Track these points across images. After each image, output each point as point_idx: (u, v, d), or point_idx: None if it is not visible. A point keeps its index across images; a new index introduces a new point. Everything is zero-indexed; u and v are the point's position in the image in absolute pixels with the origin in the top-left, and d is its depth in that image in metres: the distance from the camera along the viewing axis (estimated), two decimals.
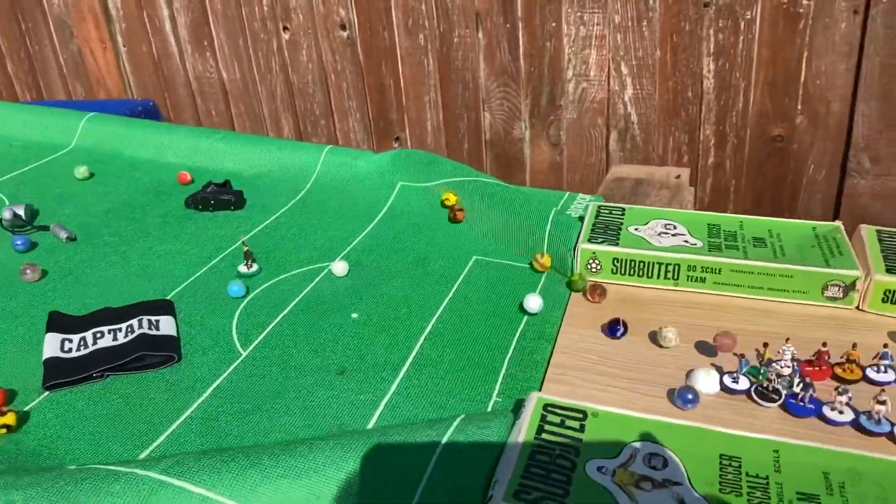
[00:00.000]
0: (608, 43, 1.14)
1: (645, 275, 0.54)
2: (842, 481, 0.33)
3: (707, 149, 1.18)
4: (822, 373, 0.43)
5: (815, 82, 1.09)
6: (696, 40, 1.10)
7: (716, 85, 1.13)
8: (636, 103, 1.17)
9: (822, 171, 1.14)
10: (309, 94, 1.34)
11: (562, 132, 1.23)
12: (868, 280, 0.49)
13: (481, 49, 1.20)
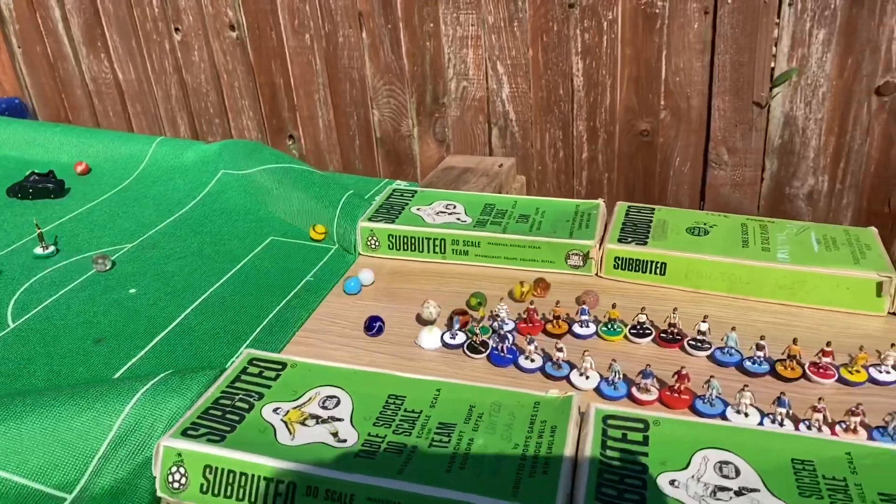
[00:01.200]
0: (483, 43, 1.19)
1: (416, 249, 0.58)
2: (482, 412, 0.38)
3: (581, 144, 1.23)
4: (534, 328, 0.48)
5: (674, 79, 1.15)
6: (564, 40, 1.16)
7: (585, 82, 1.18)
8: (513, 101, 1.22)
9: (687, 163, 1.21)
10: (203, 93, 1.37)
11: (447, 129, 1.27)
12: (602, 249, 0.54)
13: (366, 48, 1.24)
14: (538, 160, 1.26)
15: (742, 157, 1.18)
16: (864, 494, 0.36)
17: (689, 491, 0.37)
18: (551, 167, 1.26)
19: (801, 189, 1.16)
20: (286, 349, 0.51)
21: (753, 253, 0.58)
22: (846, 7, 1.03)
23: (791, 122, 1.12)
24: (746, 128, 1.16)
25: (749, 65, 1.11)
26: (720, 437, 0.40)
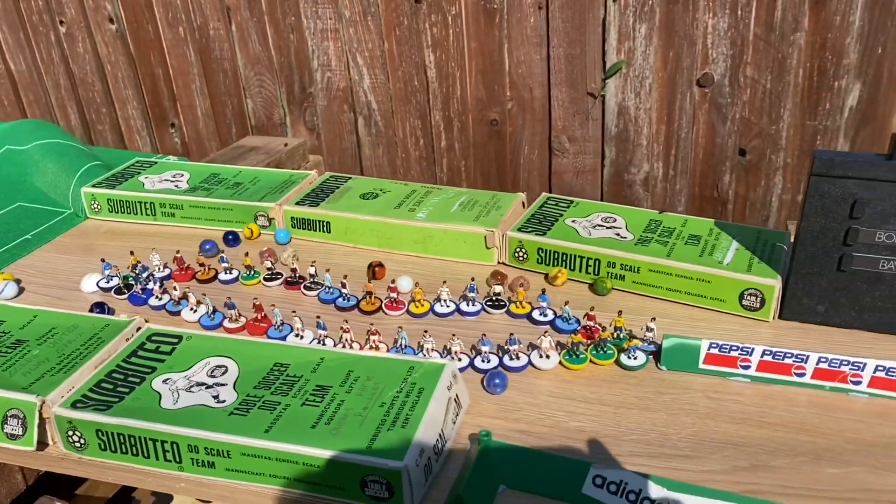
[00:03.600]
0: (342, 36, 1.27)
1: (137, 212, 0.71)
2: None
3: (439, 133, 1.32)
4: (184, 276, 0.60)
5: (517, 71, 1.24)
6: (414, 33, 1.24)
7: (437, 74, 1.27)
8: (374, 91, 1.30)
9: (535, 152, 1.29)
10: (89, 83, 1.45)
11: (316, 118, 1.36)
12: (280, 211, 0.65)
13: (235, 40, 1.32)
14: (402, 148, 1.35)
15: (582, 145, 1.27)
16: (306, 386, 0.47)
17: (172, 385, 0.48)
18: (414, 155, 1.35)
19: (638, 175, 1.25)
20: None
21: (401, 213, 0.69)
22: (663, 3, 1.11)
23: (624, 111, 1.21)
24: (584, 117, 1.25)
25: (581, 57, 1.20)
26: (230, 348, 0.51)
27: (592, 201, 0.70)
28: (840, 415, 0.49)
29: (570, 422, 0.50)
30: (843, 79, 1.13)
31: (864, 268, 0.54)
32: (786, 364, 0.51)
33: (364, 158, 1.38)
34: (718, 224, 0.65)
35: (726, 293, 0.58)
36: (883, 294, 0.55)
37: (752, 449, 0.47)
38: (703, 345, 0.53)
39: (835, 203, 0.54)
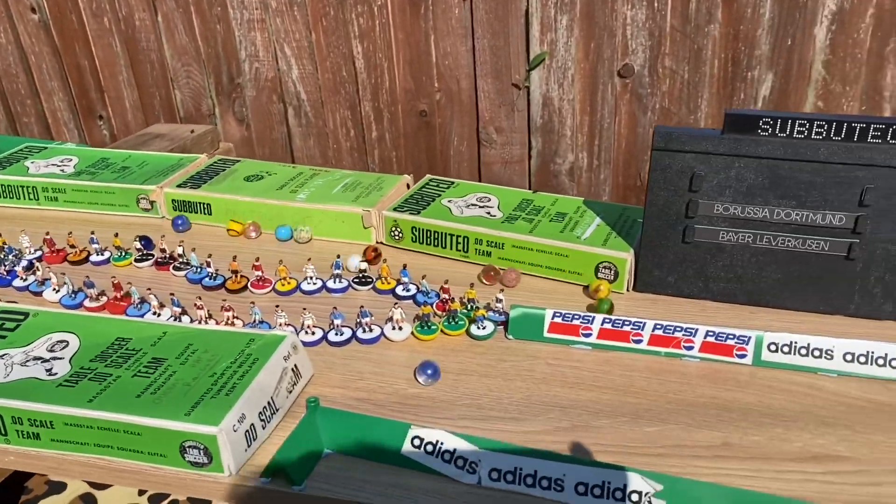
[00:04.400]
0: (269, 26, 1.29)
1: (20, 197, 0.72)
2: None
3: (369, 123, 1.34)
4: (55, 258, 0.61)
5: (444, 62, 1.26)
6: (341, 24, 1.27)
7: (365, 65, 1.29)
8: (303, 82, 1.32)
9: (464, 142, 1.32)
10: (13, 75, 1.45)
11: (246, 109, 1.37)
12: (161, 192, 0.67)
13: (162, 31, 1.34)
14: (333, 139, 1.37)
15: (509, 135, 1.30)
16: (142, 359, 0.49)
17: (7, 360, 0.49)
18: (345, 145, 1.37)
19: (564, 165, 1.28)
20: None
21: (282, 195, 0.71)
22: None
23: (548, 102, 1.24)
24: (509, 108, 1.28)
25: (505, 48, 1.23)
26: (75, 323, 0.53)
27: (472, 182, 0.73)
28: (669, 378, 0.53)
29: (409, 389, 0.52)
30: (756, 69, 1.17)
31: (706, 239, 0.58)
32: (624, 331, 0.54)
33: (295, 150, 1.40)
34: (587, 202, 0.68)
35: (583, 267, 0.61)
36: (725, 264, 0.58)
37: (577, 411, 0.50)
38: (547, 314, 0.55)
39: (675, 177, 0.57)
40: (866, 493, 0.43)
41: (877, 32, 1.15)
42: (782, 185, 0.55)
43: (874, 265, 0.56)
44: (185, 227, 0.72)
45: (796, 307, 0.59)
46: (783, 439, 0.47)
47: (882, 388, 0.52)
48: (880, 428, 0.48)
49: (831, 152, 0.53)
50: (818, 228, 0.56)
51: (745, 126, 0.54)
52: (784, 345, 0.52)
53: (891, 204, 0.54)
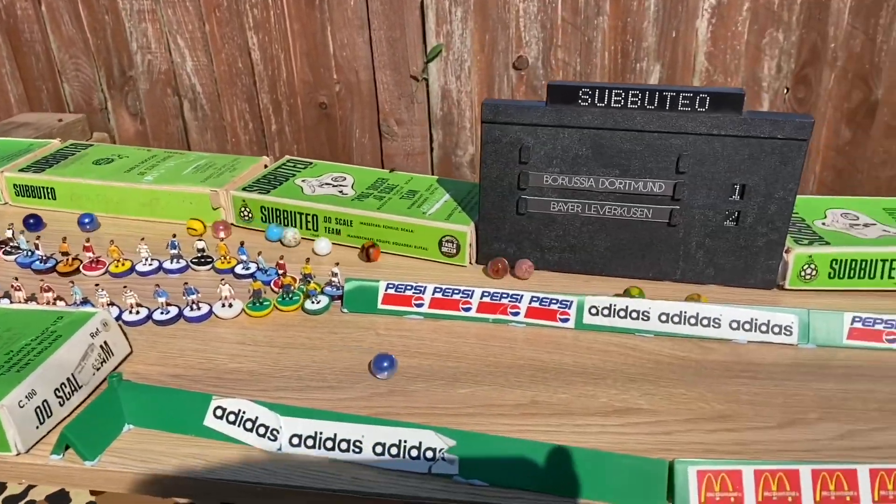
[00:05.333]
0: (160, 17, 1.28)
1: None
2: None
3: (268, 116, 1.34)
4: None
5: (342, 53, 1.27)
6: (235, 15, 1.26)
7: (262, 57, 1.29)
8: (198, 74, 1.31)
9: (365, 135, 1.33)
10: None
11: (139, 103, 1.35)
12: None
13: (46, 22, 1.30)
14: (231, 132, 1.36)
15: (409, 128, 1.32)
16: None
17: None
18: (244, 139, 1.36)
19: (464, 157, 1.30)
20: None
21: (129, 177, 0.71)
22: None
23: (447, 94, 1.26)
24: (409, 100, 1.30)
25: (402, 40, 1.25)
26: None
27: (330, 163, 0.73)
28: (493, 343, 0.55)
29: (229, 364, 0.52)
30: (644, 61, 1.22)
31: (539, 210, 0.60)
32: (454, 300, 0.56)
33: (192, 144, 1.38)
34: (440, 180, 0.70)
35: (427, 241, 0.62)
36: (558, 234, 0.61)
37: (396, 377, 0.51)
38: (381, 286, 0.56)
39: (506, 149, 0.59)
40: (655, 441, 0.45)
41: (753, 26, 1.21)
42: (605, 155, 0.58)
43: (694, 231, 0.59)
44: (94, 226, 0.68)
45: (628, 274, 0.61)
46: (590, 396, 0.49)
47: (693, 346, 0.54)
48: (683, 381, 0.51)
49: (647, 121, 0.56)
50: (641, 196, 0.59)
51: (566, 97, 0.57)
52: (604, 308, 0.55)
53: (704, 170, 0.57)
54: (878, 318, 0.53)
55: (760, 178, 0.57)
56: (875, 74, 1.21)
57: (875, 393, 0.49)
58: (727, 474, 0.41)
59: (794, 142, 0.55)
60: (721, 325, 0.54)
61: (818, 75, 1.24)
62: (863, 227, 0.62)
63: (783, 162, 0.56)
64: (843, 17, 1.19)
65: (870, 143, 1.26)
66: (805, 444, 0.45)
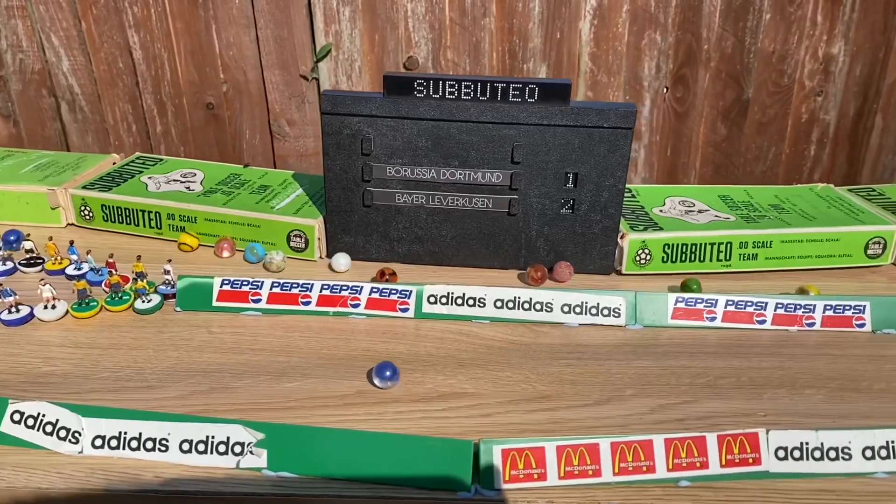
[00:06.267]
0: (32, 13, 1.22)
1: None
2: None
3: (153, 117, 1.29)
4: None
5: (228, 53, 1.25)
6: (114, 12, 1.22)
7: (144, 56, 1.25)
8: (75, 74, 1.25)
9: (256, 136, 1.31)
10: None
11: (11, 104, 1.28)
12: None
13: None
14: (114, 134, 1.31)
15: (301, 128, 1.30)
16: None
17: None
18: (128, 142, 1.31)
19: None
20: None
21: None
22: None
23: None
24: (300, 100, 1.29)
25: (290, 39, 1.24)
26: None
27: (183, 159, 0.72)
28: (330, 335, 0.55)
29: (42, 367, 0.50)
30: (531, 61, 1.25)
31: (384, 202, 0.60)
32: (293, 294, 0.55)
33: (72, 147, 1.32)
34: (296, 175, 0.69)
35: (276, 236, 0.62)
36: (405, 226, 0.61)
37: (221, 374, 0.50)
38: (215, 282, 0.55)
39: (348, 141, 0.59)
40: (474, 423, 0.46)
41: (633, 27, 1.27)
42: (444, 146, 0.59)
43: (533, 220, 0.61)
44: (18, 244, 0.62)
45: (474, 264, 0.63)
46: (417, 383, 0.50)
47: (526, 331, 0.56)
48: (511, 365, 0.52)
49: (481, 112, 0.58)
50: (481, 187, 0.60)
51: (402, 88, 0.57)
52: (442, 296, 0.56)
53: (538, 160, 0.59)
54: (700, 298, 0.56)
55: (591, 167, 0.59)
56: (745, 74, 1.29)
57: (689, 369, 0.52)
58: (531, 452, 0.42)
59: (621, 130, 0.58)
60: (553, 309, 0.56)
61: (694, 75, 1.30)
62: (697, 214, 0.65)
63: (611, 150, 0.58)
64: (714, 20, 1.27)
65: (743, 139, 1.34)
66: (617, 419, 0.47)
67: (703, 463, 0.43)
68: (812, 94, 1.29)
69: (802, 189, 0.70)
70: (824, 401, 0.49)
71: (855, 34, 1.25)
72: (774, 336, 0.56)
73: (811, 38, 1.26)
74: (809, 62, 1.27)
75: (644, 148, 1.35)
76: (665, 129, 1.34)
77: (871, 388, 0.50)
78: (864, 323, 0.55)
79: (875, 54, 1.27)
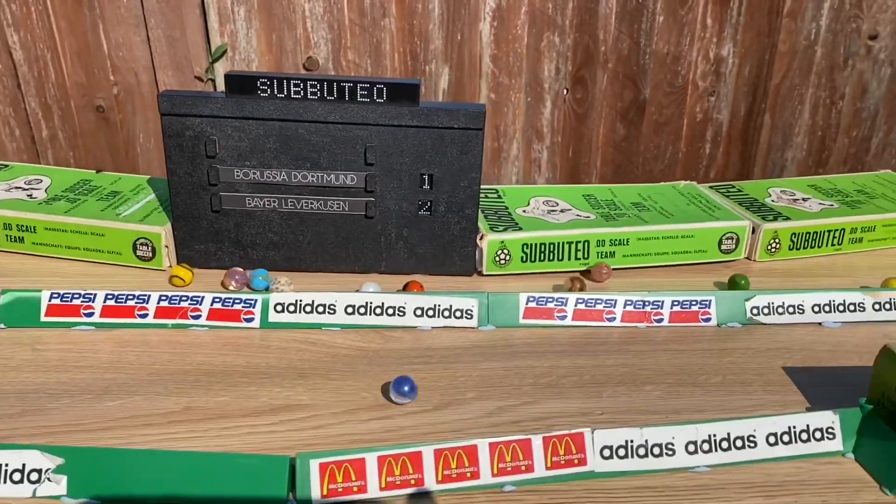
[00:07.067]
0: None
1: None
2: None
3: (38, 121, 1.23)
4: None
5: (118, 53, 1.20)
6: None
7: (25, 57, 1.18)
8: None
9: (150, 140, 1.26)
10: None
11: None
12: None
13: None
14: None
15: None
16: None
17: None
18: (11, 147, 1.24)
19: None
20: None
21: None
22: None
23: None
24: None
25: (183, 40, 1.20)
26: None
27: (30, 165, 0.67)
28: (164, 349, 0.51)
29: None
30: (433, 63, 1.25)
31: (234, 207, 0.58)
32: (129, 307, 0.52)
33: None
34: (151, 180, 0.66)
35: (121, 245, 0.58)
36: (258, 231, 0.59)
37: (37, 395, 0.46)
38: (43, 297, 0.52)
39: (191, 143, 0.56)
40: (304, 436, 0.44)
41: (532, 29, 1.28)
42: (294, 148, 0.57)
43: (391, 222, 0.60)
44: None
45: (334, 269, 0.61)
46: (251, 396, 0.48)
47: (376, 336, 0.54)
48: (354, 373, 0.50)
49: (328, 112, 0.56)
50: (336, 189, 0.58)
51: (245, 87, 0.55)
52: (290, 304, 0.54)
53: (393, 161, 0.58)
54: (550, 297, 0.56)
55: (445, 168, 0.58)
56: (642, 75, 1.32)
57: (534, 369, 0.52)
58: (350, 464, 0.41)
59: (471, 131, 0.57)
60: (406, 313, 0.54)
61: (593, 76, 1.33)
62: (559, 213, 0.65)
63: (463, 151, 0.58)
64: (610, 22, 1.29)
65: (642, 139, 1.37)
66: (453, 423, 0.46)
67: (528, 466, 0.42)
68: (705, 95, 1.34)
69: (665, 187, 0.72)
70: (661, 397, 0.49)
71: (742, 36, 1.30)
72: (624, 333, 0.56)
73: (702, 40, 1.30)
74: (701, 63, 1.31)
75: (546, 149, 1.36)
76: (566, 130, 1.36)
77: (708, 382, 0.51)
78: (710, 317, 0.56)
79: (761, 56, 1.32)
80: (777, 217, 0.66)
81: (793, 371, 0.53)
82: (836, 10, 1.27)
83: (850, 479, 0.43)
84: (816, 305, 0.57)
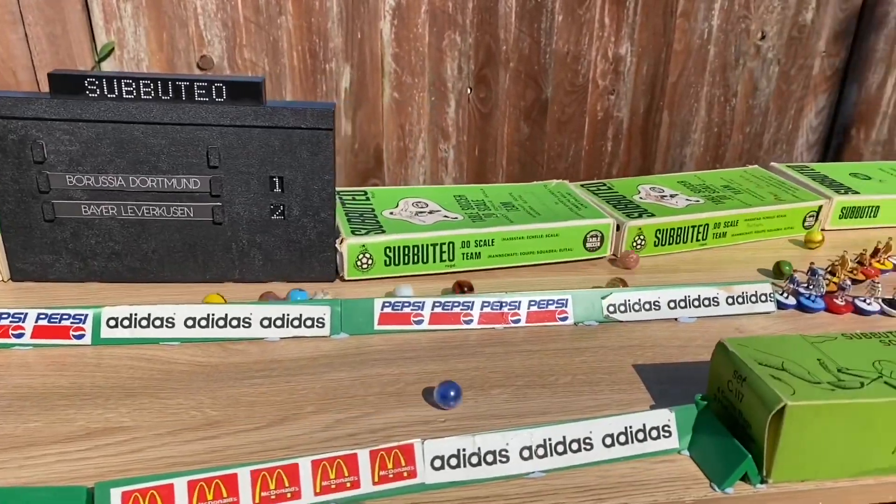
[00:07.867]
0: None
1: None
2: None
3: None
4: None
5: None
6: None
7: None
8: None
9: None
10: None
11: None
12: None
13: None
14: None
15: None
16: None
17: None
18: None
19: None
20: None
21: None
22: None
23: None
24: None
25: (65, 37, 1.13)
26: None
27: None
28: None
29: None
30: (333, 61, 1.22)
31: (69, 215, 0.54)
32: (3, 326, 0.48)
33: None
34: None
35: None
36: (98, 241, 0.55)
37: None
38: None
39: (16, 147, 0.52)
40: (119, 461, 0.41)
41: (433, 28, 1.26)
42: (130, 151, 0.53)
43: (242, 228, 0.57)
44: None
45: (182, 279, 0.57)
46: (67, 420, 0.44)
47: (218, 350, 0.51)
48: (187, 390, 0.47)
49: (165, 113, 0.53)
50: (179, 194, 0.55)
51: (72, 87, 0.51)
52: (124, 318, 0.50)
53: (239, 164, 0.55)
54: (406, 301, 0.54)
55: (296, 170, 0.55)
56: (543, 75, 1.33)
57: (382, 377, 0.50)
58: (157, 491, 0.38)
59: (321, 131, 0.55)
60: (252, 324, 0.51)
61: (495, 76, 1.32)
62: (427, 214, 0.64)
63: (314, 152, 0.55)
64: (511, 21, 1.29)
65: (545, 137, 1.38)
66: (284, 441, 0.43)
67: (353, 482, 0.40)
68: (605, 93, 1.35)
69: (537, 186, 0.71)
70: (507, 400, 0.48)
71: (639, 35, 1.32)
72: (481, 335, 0.55)
73: (601, 40, 1.31)
74: (601, 62, 1.32)
75: (453, 148, 1.35)
76: (471, 129, 1.35)
77: (557, 383, 0.50)
78: (567, 316, 0.56)
79: (658, 55, 1.34)
80: (642, 214, 0.67)
81: (642, 368, 0.53)
82: (727, 10, 1.31)
83: (683, 477, 0.43)
84: (672, 301, 0.57)
